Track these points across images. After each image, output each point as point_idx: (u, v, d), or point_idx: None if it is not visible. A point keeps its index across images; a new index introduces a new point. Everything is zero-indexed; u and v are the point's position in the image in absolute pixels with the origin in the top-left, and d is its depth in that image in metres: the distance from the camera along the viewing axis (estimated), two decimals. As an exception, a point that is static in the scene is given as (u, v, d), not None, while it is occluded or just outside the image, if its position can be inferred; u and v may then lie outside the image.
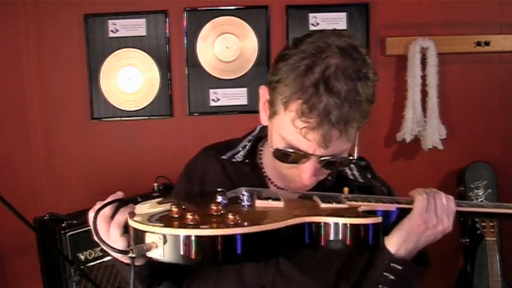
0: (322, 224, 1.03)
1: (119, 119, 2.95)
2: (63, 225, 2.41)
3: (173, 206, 0.99)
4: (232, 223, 0.94)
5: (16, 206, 2.19)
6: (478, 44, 2.90)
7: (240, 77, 2.94)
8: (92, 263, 2.44)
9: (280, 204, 1.08)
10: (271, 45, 2.93)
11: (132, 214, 1.02)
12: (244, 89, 2.95)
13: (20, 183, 2.92)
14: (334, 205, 1.09)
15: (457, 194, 2.99)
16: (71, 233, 2.41)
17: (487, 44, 2.89)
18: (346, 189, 1.16)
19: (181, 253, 0.93)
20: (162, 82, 2.93)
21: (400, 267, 1.10)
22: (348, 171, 1.24)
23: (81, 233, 2.42)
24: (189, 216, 0.94)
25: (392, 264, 1.10)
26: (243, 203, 1.07)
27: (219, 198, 1.04)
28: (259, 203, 1.08)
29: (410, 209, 1.11)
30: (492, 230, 2.67)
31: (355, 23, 2.92)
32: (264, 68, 2.92)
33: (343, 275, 1.17)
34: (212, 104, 2.95)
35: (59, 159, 2.96)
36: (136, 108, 2.94)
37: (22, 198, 2.66)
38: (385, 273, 1.11)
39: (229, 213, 0.96)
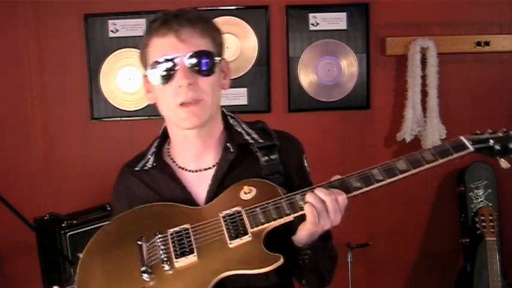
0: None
1: (119, 119, 2.95)
2: (63, 225, 2.41)
3: None
4: None
5: (16, 206, 2.20)
6: (478, 44, 2.90)
7: (240, 77, 2.93)
8: (92, 263, 2.44)
9: (194, 258, 1.18)
10: (271, 45, 2.92)
11: None
12: (244, 89, 2.94)
13: (20, 183, 2.92)
14: (240, 241, 1.18)
15: (457, 194, 2.99)
16: (71, 233, 2.41)
17: (487, 44, 2.90)
18: (246, 187, 1.23)
19: None
20: (162, 82, 2.92)
21: (309, 251, 1.24)
22: (246, 137, 1.33)
23: (81, 233, 2.42)
24: None
25: (302, 252, 1.25)
26: (164, 268, 1.18)
27: (144, 276, 1.16)
28: (178, 265, 1.18)
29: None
30: (492, 230, 2.66)
31: (355, 23, 2.92)
32: (264, 68, 2.92)
33: None
34: (212, 104, 2.95)
35: (59, 159, 2.96)
36: (136, 108, 2.93)
37: (22, 198, 2.66)
38: (299, 257, 1.25)
39: None
